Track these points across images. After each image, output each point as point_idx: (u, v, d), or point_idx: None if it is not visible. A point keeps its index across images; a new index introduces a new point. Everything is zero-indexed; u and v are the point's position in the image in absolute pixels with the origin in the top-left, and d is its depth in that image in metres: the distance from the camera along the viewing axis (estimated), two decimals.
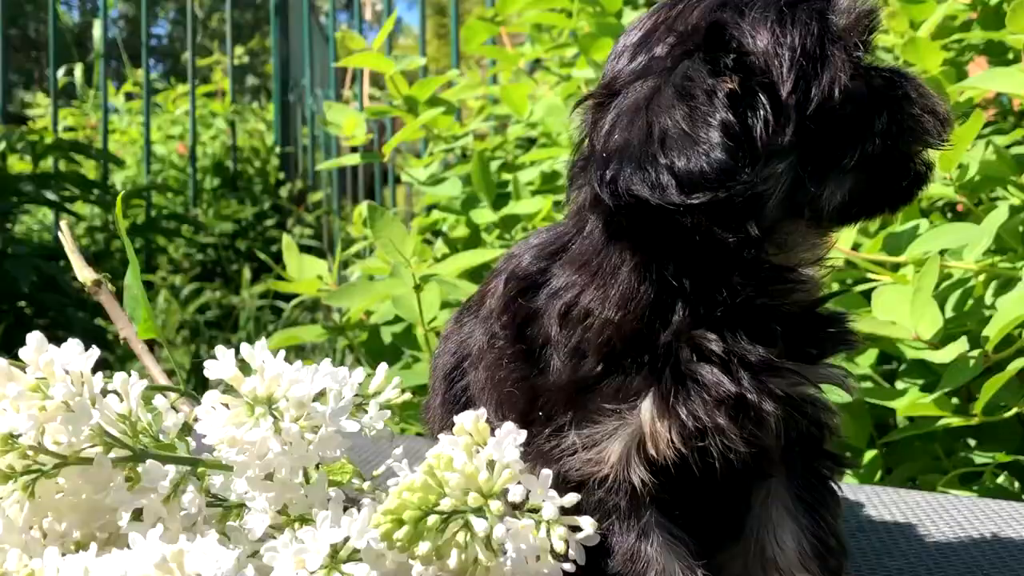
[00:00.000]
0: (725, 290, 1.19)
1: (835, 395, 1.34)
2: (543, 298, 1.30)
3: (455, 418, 1.09)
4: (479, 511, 1.04)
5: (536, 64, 4.15)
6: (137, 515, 1.14)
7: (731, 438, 1.21)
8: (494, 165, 3.20)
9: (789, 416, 1.24)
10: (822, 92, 1.14)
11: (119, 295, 1.68)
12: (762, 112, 1.13)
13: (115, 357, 4.82)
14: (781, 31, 1.15)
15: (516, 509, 1.09)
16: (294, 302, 4.31)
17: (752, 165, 1.12)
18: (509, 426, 1.08)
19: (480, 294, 1.48)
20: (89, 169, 6.49)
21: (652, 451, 1.20)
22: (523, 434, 1.07)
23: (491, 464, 1.07)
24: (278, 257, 3.25)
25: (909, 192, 1.27)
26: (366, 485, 1.28)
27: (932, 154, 1.27)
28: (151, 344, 1.67)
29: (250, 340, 1.15)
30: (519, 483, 1.07)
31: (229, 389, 1.17)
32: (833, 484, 1.34)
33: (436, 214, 3.28)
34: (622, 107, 1.17)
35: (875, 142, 1.19)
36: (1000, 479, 2.20)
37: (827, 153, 1.17)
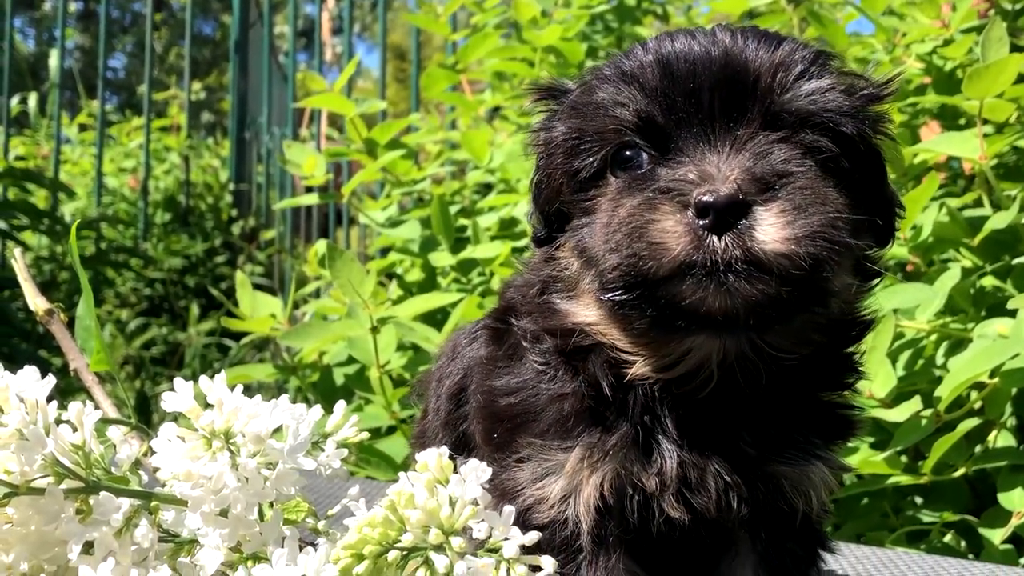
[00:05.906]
0: None
1: None
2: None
3: (417, 455, 1.08)
4: (440, 548, 1.03)
5: (495, 112, 4.17)
6: (88, 548, 1.11)
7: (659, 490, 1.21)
8: (452, 210, 3.21)
9: (741, 486, 1.23)
10: None
11: (68, 326, 1.65)
12: None
13: (56, 389, 4.72)
14: None
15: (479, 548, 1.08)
16: (243, 340, 4.25)
17: None
18: (473, 463, 1.07)
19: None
20: (39, 199, 6.40)
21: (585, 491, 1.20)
22: (488, 471, 1.07)
23: (453, 501, 1.06)
24: (229, 294, 3.20)
25: None
26: (320, 524, 1.26)
27: None
28: (99, 377, 1.64)
29: (195, 377, 1.14)
30: (482, 520, 1.05)
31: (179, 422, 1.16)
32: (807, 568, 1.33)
33: (393, 256, 3.27)
34: None
35: None
36: (947, 538, 2.22)
37: None
